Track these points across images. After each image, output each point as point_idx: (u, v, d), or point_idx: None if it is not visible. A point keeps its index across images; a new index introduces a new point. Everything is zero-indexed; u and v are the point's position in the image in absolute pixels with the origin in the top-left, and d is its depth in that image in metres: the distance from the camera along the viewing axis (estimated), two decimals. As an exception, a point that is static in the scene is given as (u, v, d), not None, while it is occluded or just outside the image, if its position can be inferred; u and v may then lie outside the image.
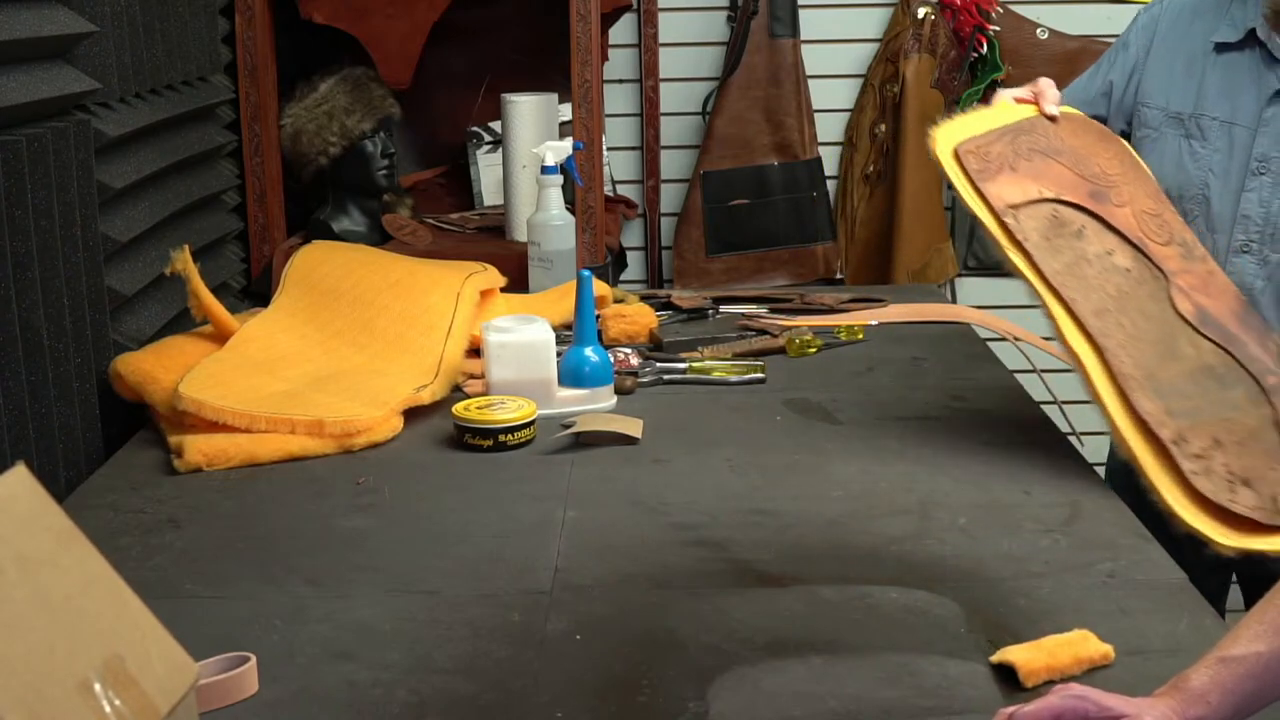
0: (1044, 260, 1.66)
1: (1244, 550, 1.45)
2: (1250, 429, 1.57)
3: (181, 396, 1.81)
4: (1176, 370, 1.61)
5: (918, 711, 1.19)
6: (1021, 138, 1.76)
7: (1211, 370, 1.63)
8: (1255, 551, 1.45)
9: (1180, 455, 1.50)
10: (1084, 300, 1.63)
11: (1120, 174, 1.80)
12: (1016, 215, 1.68)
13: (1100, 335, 1.60)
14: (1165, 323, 1.66)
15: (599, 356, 2.00)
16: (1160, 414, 1.55)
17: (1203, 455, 1.51)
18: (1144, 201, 1.77)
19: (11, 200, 1.63)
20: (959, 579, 1.44)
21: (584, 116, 2.66)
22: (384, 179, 2.81)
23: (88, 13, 1.94)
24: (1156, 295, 1.68)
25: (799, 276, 3.39)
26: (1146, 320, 1.65)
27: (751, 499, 1.67)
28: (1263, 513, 1.47)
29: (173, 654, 1.00)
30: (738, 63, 3.34)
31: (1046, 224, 1.70)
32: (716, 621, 1.36)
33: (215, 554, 1.54)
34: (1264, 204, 1.86)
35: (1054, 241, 1.69)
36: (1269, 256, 1.87)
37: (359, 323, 2.14)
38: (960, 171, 1.73)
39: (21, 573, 0.90)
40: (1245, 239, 1.88)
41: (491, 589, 1.44)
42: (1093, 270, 1.67)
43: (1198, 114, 1.92)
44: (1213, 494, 1.47)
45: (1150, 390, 1.57)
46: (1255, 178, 1.87)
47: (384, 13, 2.73)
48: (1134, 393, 1.55)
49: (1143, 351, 1.62)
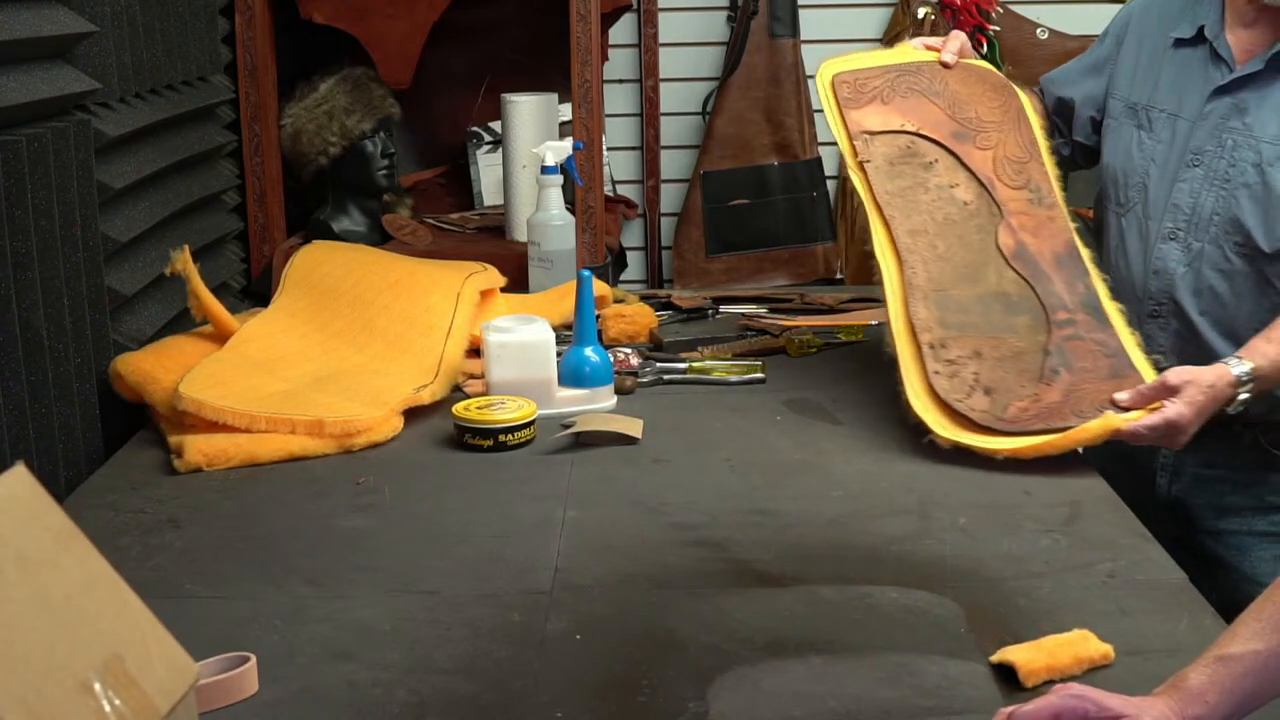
0: (879, 181, 1.90)
1: (955, 443, 1.74)
2: (1017, 350, 1.79)
3: (181, 396, 1.81)
4: (971, 291, 1.84)
5: (918, 711, 1.19)
6: (905, 77, 2.01)
7: (1005, 296, 1.85)
8: (964, 445, 1.73)
9: (931, 357, 1.76)
10: (903, 220, 1.88)
11: (997, 122, 1.99)
12: (870, 140, 1.94)
13: (906, 251, 1.86)
14: (981, 251, 1.88)
15: (599, 356, 2.00)
16: (930, 321, 1.80)
17: (955, 361, 1.76)
18: (1012, 149, 1.96)
19: (11, 200, 1.63)
20: (959, 579, 1.44)
21: (584, 116, 2.66)
22: (384, 179, 2.81)
23: (88, 13, 1.94)
24: (984, 228, 1.91)
25: (799, 276, 3.39)
26: (964, 247, 1.87)
27: (751, 499, 1.67)
28: (985, 415, 1.74)
29: (173, 654, 1.00)
30: (738, 63, 3.34)
31: (898, 152, 1.94)
32: (716, 621, 1.36)
33: (215, 554, 1.54)
34: (1193, 194, 1.92)
35: (897, 167, 1.93)
36: (1191, 244, 1.93)
37: (359, 323, 2.14)
38: (832, 97, 1.99)
39: (21, 573, 0.90)
40: (1173, 226, 1.94)
41: (491, 589, 1.44)
42: (928, 197, 1.91)
43: (1149, 105, 2.00)
44: (945, 392, 1.75)
45: (932, 302, 1.81)
46: (1189, 169, 1.93)
47: (384, 13, 2.73)
48: (914, 300, 1.81)
49: (944, 271, 1.85)
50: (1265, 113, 1.88)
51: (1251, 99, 1.89)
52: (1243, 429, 1.92)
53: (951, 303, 1.83)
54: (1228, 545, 1.97)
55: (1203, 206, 1.91)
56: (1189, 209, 1.93)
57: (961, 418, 1.75)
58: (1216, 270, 1.91)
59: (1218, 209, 1.90)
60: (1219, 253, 1.90)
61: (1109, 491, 1.69)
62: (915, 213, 1.90)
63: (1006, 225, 1.91)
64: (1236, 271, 1.89)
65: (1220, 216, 1.90)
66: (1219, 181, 1.90)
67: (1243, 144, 1.89)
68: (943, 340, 1.79)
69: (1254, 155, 1.88)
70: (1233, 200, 1.89)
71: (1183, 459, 1.98)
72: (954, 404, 1.74)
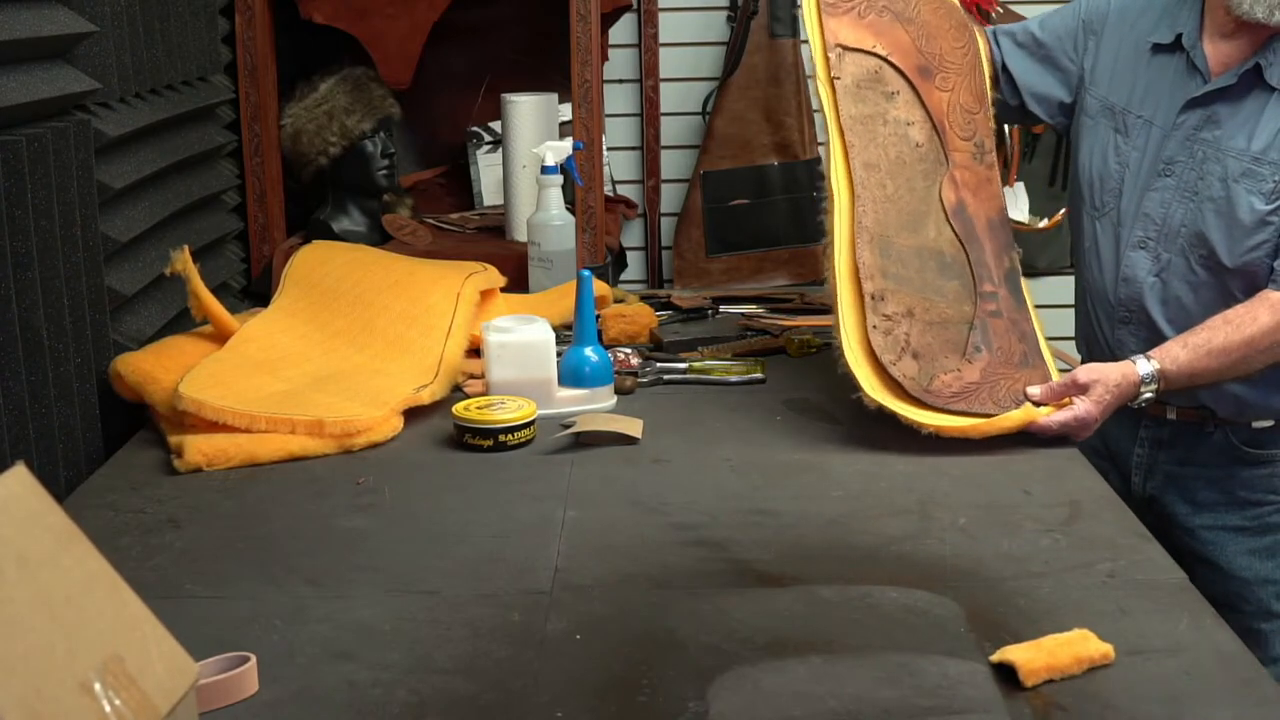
0: (845, 103, 1.89)
1: (880, 405, 1.77)
2: (946, 316, 1.81)
3: (181, 396, 1.81)
4: (911, 242, 1.84)
5: (918, 711, 1.19)
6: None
7: (941, 255, 1.85)
8: (889, 410, 1.77)
9: (871, 309, 1.77)
10: (861, 150, 1.87)
11: (957, 64, 1.99)
12: (842, 55, 1.92)
13: (860, 185, 1.84)
14: (925, 201, 1.88)
15: (599, 356, 2.00)
16: (873, 269, 1.80)
17: (890, 318, 1.77)
18: (965, 96, 1.96)
19: (11, 200, 1.63)
20: (959, 579, 1.44)
21: (584, 116, 2.66)
22: (384, 179, 2.81)
23: (88, 13, 1.94)
24: (930, 175, 1.90)
25: (799, 276, 3.39)
26: (910, 192, 1.87)
27: (751, 499, 1.67)
28: (912, 384, 1.78)
29: (173, 654, 1.00)
30: (738, 63, 3.33)
31: (866, 74, 1.92)
32: (716, 621, 1.36)
33: (215, 554, 1.54)
34: (1164, 205, 1.93)
35: (863, 91, 1.91)
36: (1160, 254, 1.94)
37: (359, 323, 2.14)
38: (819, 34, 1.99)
39: (21, 573, 0.90)
40: (1144, 235, 1.95)
41: (491, 589, 1.44)
42: (886, 130, 1.90)
43: (1127, 110, 1.99)
44: (879, 350, 1.77)
45: (877, 248, 1.81)
46: (1161, 179, 1.94)
47: (384, 13, 2.73)
48: (861, 243, 1.81)
49: (889, 214, 1.85)
50: (1235, 127, 1.88)
51: (1224, 112, 1.89)
52: (1214, 429, 1.96)
53: (894, 251, 1.84)
54: (1204, 541, 1.99)
55: (1172, 218, 1.92)
56: (1160, 219, 1.93)
57: (891, 381, 1.79)
58: (1183, 281, 1.92)
59: (1185, 221, 1.91)
60: (1185, 264, 1.92)
61: (1109, 491, 1.69)
62: (872, 144, 1.90)
63: (950, 178, 1.92)
64: (1202, 283, 1.91)
65: (1188, 229, 1.91)
66: (1189, 193, 1.91)
67: (1211, 157, 1.89)
68: (882, 292, 1.81)
69: (1221, 169, 1.88)
70: (1199, 214, 1.89)
71: (1155, 457, 2.02)
72: (886, 365, 1.78)
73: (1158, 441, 2.04)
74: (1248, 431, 1.97)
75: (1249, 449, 1.98)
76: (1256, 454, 1.98)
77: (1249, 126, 1.87)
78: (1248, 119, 1.87)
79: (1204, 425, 1.97)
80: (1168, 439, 2.01)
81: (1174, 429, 1.99)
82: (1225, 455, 1.98)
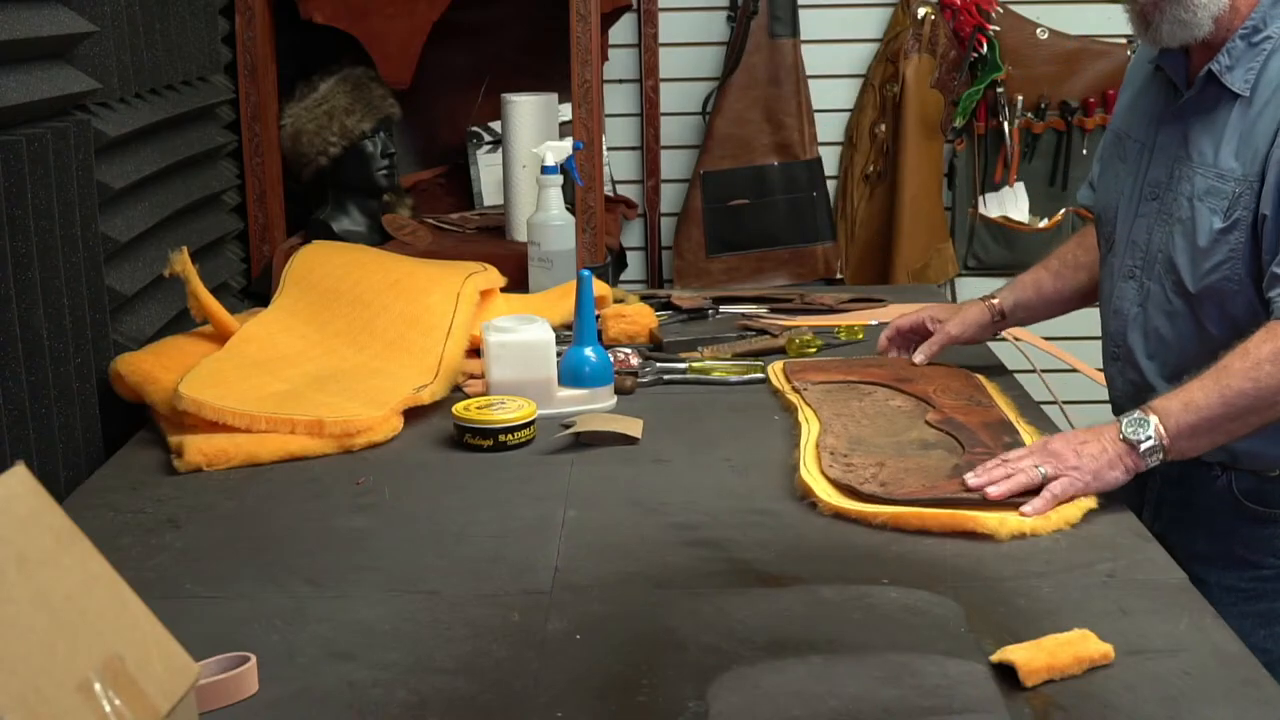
0: (813, 399, 1.94)
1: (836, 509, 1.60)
2: (924, 467, 1.69)
3: (181, 396, 1.81)
4: (886, 441, 1.78)
5: (918, 711, 1.19)
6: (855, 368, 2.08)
7: (924, 442, 1.78)
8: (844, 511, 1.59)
9: (829, 461, 1.69)
10: (828, 408, 1.90)
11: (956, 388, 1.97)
12: (808, 383, 2.01)
13: (829, 419, 1.85)
14: (904, 423, 1.85)
15: (599, 356, 2.00)
16: (839, 445, 1.75)
17: (854, 466, 1.68)
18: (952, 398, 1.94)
19: (11, 200, 1.63)
20: (959, 579, 1.44)
21: (584, 116, 2.66)
22: (384, 179, 2.81)
23: (88, 13, 1.94)
24: (911, 414, 1.89)
25: (799, 276, 3.40)
26: (887, 420, 1.86)
27: (751, 499, 1.67)
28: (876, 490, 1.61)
29: (173, 654, 1.00)
30: (738, 63, 3.34)
31: (836, 388, 1.99)
32: (716, 621, 1.36)
33: (215, 554, 1.54)
34: (1148, 230, 1.82)
35: (833, 394, 1.97)
36: (1144, 283, 1.83)
37: (359, 323, 2.14)
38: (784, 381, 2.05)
39: (21, 573, 0.90)
40: (1131, 264, 1.85)
41: (491, 589, 1.44)
42: (856, 401, 1.93)
43: (1126, 133, 1.91)
44: (827, 468, 1.67)
45: (844, 441, 1.77)
46: (1148, 203, 1.83)
47: (384, 13, 2.73)
48: (825, 439, 1.77)
49: (862, 430, 1.82)
50: (1206, 141, 1.75)
51: (1197, 126, 1.77)
52: (1221, 472, 1.81)
53: (865, 445, 1.76)
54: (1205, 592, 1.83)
55: (1153, 243, 1.81)
56: (1144, 245, 1.83)
57: (850, 490, 1.62)
58: (1161, 311, 1.81)
59: (1161, 246, 1.80)
60: (1162, 292, 1.80)
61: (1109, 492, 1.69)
62: (839, 406, 1.91)
63: (936, 409, 1.87)
64: (1176, 313, 1.79)
65: (1163, 254, 1.80)
66: (1165, 216, 1.79)
67: (1184, 176, 1.77)
68: (841, 452, 1.73)
69: (1189, 188, 1.76)
70: (1170, 236, 1.78)
71: (1165, 495, 1.88)
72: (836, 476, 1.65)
73: (1167, 478, 1.86)
74: (1253, 480, 1.79)
75: (1251, 504, 1.80)
76: (1259, 510, 1.80)
77: (1215, 138, 1.74)
78: (1216, 130, 1.74)
79: (1213, 468, 1.81)
80: (1176, 476, 1.84)
81: (1183, 466, 1.76)
82: (1227, 505, 1.81)
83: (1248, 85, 1.72)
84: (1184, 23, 1.72)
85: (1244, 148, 1.71)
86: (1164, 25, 1.73)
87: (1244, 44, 1.73)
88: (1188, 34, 1.73)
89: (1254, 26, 1.72)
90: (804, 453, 1.74)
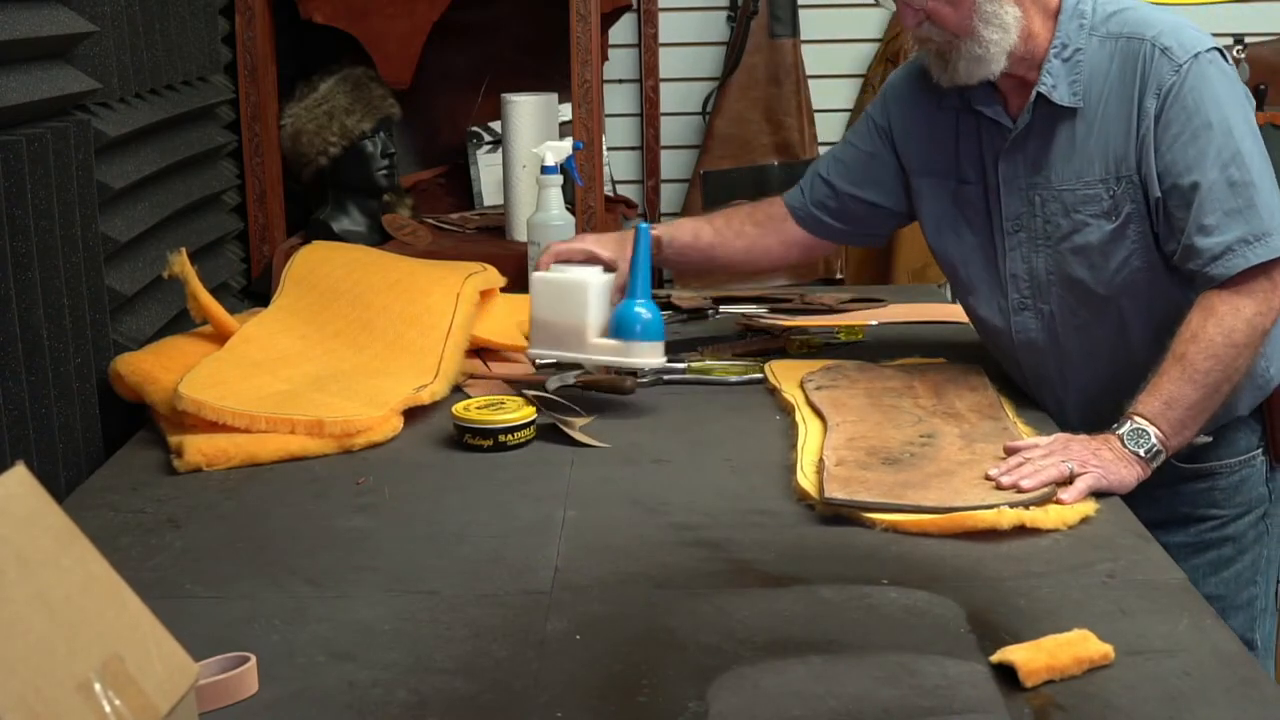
0: (814, 397, 1.92)
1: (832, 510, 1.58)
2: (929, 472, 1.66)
3: (181, 396, 1.81)
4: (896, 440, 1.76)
5: (918, 711, 1.19)
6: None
7: (927, 433, 1.78)
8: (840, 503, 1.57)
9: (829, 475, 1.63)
10: (832, 410, 1.86)
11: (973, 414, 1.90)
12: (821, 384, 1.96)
13: (832, 419, 1.82)
14: (906, 421, 1.82)
15: (650, 313, 1.95)
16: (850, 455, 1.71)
17: (841, 462, 1.67)
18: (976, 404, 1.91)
19: (11, 200, 1.63)
20: (959, 579, 1.44)
21: (584, 116, 2.66)
22: (384, 179, 2.81)
23: (88, 13, 1.94)
24: (917, 415, 1.85)
25: (799, 276, 3.39)
26: (894, 426, 1.81)
27: (751, 499, 1.67)
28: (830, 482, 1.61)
29: (173, 654, 1.00)
30: (738, 63, 3.34)
31: (843, 390, 1.95)
32: (716, 621, 1.36)
33: (215, 554, 1.54)
34: (1025, 260, 1.89)
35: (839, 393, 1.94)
36: (1041, 309, 1.90)
37: (359, 323, 2.14)
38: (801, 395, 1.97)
39: (21, 573, 0.90)
40: (1019, 297, 1.91)
41: (491, 589, 1.44)
42: (869, 406, 1.88)
43: (948, 178, 1.95)
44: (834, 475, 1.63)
45: (845, 448, 1.73)
46: (1012, 236, 1.89)
47: (384, 13, 2.73)
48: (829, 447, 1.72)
49: (864, 430, 1.79)
50: (1053, 159, 1.83)
51: (1036, 150, 1.84)
52: None
53: (876, 446, 1.75)
54: None
55: (1038, 270, 1.88)
56: (1027, 275, 1.89)
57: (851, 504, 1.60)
58: (1071, 329, 1.88)
59: (1051, 269, 1.87)
60: (1066, 311, 1.88)
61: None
62: (843, 407, 1.88)
63: (942, 415, 1.86)
64: (1087, 323, 1.87)
65: (1055, 276, 1.87)
66: (1042, 241, 1.87)
67: (1046, 199, 1.85)
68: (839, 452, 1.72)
69: (1059, 207, 1.84)
70: (1060, 257, 1.85)
71: None
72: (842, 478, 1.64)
73: None
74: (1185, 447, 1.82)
75: (1184, 464, 1.86)
76: (1191, 469, 1.90)
77: (1064, 153, 1.82)
78: (1061, 147, 1.82)
79: None
80: None
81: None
82: (1162, 471, 1.79)
83: (1077, 97, 1.81)
84: (979, 59, 1.80)
85: (1099, 151, 1.80)
86: (960, 63, 1.81)
87: (1059, 61, 1.81)
88: (984, 70, 1.81)
89: (1062, 44, 1.81)
90: (801, 456, 1.74)
